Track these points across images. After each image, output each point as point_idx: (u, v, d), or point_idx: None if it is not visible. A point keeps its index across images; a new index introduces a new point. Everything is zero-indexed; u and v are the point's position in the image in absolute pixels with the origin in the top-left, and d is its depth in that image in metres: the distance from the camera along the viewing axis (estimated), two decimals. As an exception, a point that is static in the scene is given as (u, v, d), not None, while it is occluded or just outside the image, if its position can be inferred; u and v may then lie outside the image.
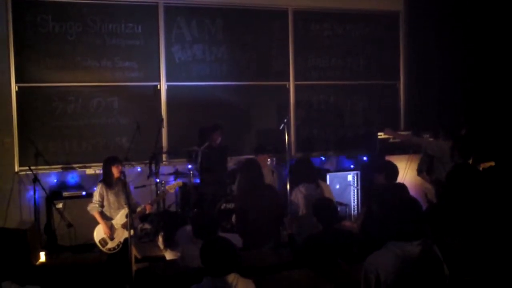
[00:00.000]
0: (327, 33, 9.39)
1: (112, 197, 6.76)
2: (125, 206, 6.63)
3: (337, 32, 9.45)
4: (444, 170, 6.34)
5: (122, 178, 6.49)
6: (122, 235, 6.67)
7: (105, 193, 6.73)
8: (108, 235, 6.64)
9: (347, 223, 6.41)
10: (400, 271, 3.30)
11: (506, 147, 8.30)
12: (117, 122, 8.22)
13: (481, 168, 7.06)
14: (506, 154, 8.03)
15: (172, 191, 7.20)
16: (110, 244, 6.68)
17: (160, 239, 5.56)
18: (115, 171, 6.73)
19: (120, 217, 6.70)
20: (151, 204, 7.02)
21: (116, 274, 6.29)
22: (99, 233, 6.69)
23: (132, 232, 6.50)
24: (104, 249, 6.67)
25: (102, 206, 6.74)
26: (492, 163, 7.17)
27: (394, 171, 6.06)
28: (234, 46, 8.82)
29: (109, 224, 6.68)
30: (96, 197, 6.74)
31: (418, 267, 3.31)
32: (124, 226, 6.61)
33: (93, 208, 6.72)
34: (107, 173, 6.78)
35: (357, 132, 9.57)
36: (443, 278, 3.42)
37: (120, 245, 6.67)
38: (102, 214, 6.72)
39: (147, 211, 6.88)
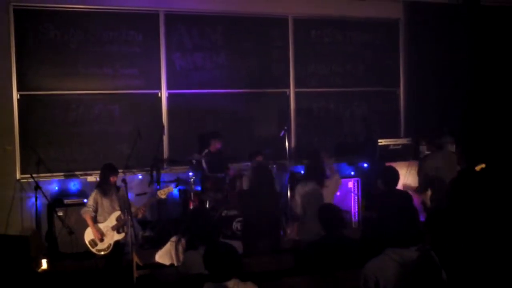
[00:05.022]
0: (327, 40, 9.41)
1: (106, 203, 6.83)
2: (117, 208, 6.77)
3: (337, 39, 9.47)
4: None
5: (123, 186, 6.56)
6: (112, 237, 6.75)
7: (99, 199, 6.81)
8: (99, 238, 6.71)
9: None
10: (398, 276, 3.33)
11: (498, 147, 8.36)
12: (118, 130, 8.25)
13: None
14: (497, 154, 8.06)
15: (164, 197, 7.09)
16: (100, 246, 6.75)
17: (182, 242, 5.09)
18: (113, 180, 6.87)
19: (110, 220, 6.77)
20: (144, 207, 7.03)
21: (117, 280, 6.31)
22: (89, 234, 6.77)
23: (123, 235, 6.58)
24: (94, 250, 6.75)
25: (95, 211, 6.80)
26: (483, 165, 7.15)
27: (394, 177, 6.03)
28: (235, 53, 8.86)
29: (98, 227, 6.74)
30: (90, 202, 6.83)
31: (416, 272, 3.34)
32: (114, 228, 6.73)
33: (85, 212, 6.80)
34: (104, 180, 6.88)
35: (358, 139, 9.57)
36: (441, 283, 3.44)
37: (111, 247, 6.74)
38: (94, 218, 6.78)
39: (139, 216, 7.00)
